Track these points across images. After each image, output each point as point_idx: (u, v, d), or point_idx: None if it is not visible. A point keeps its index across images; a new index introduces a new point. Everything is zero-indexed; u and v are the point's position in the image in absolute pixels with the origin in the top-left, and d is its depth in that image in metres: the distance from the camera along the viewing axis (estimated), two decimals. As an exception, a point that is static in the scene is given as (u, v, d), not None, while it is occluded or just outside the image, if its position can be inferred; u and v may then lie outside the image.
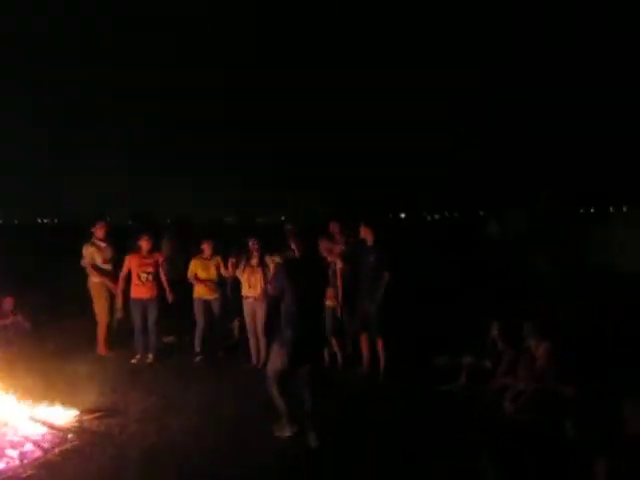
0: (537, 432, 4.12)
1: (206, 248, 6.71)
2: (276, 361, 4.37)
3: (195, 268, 6.68)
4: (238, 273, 6.36)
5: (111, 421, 4.78)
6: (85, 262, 6.79)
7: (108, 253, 6.87)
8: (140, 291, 6.55)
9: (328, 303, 6.03)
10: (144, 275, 6.53)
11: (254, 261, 6.31)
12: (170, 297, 6.63)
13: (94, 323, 6.91)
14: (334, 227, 6.47)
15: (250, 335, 6.40)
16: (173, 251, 7.68)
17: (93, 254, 6.79)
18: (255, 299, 6.25)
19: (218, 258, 6.70)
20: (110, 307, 6.84)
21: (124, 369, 6.30)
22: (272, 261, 6.17)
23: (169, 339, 7.28)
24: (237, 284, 6.55)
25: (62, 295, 8.80)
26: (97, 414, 4.87)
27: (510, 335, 5.56)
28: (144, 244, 6.61)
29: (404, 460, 4.11)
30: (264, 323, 6.24)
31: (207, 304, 6.71)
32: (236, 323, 7.24)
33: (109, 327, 6.89)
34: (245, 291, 6.32)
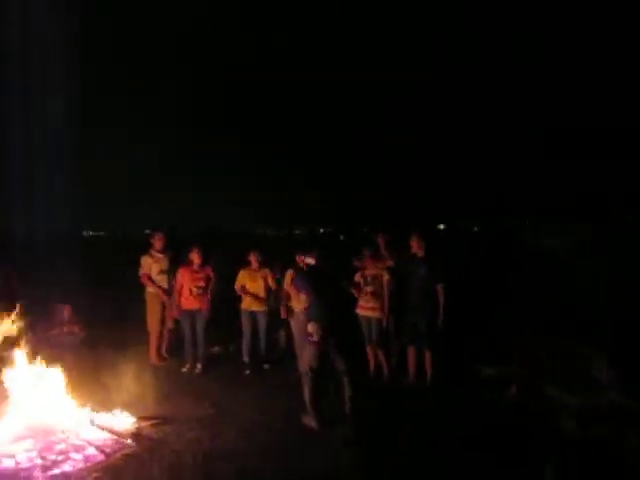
0: (601, 448, 4.02)
1: (253, 260, 6.83)
2: (307, 356, 4.94)
3: (243, 279, 6.81)
4: (286, 286, 6.44)
5: (167, 428, 4.94)
6: (142, 272, 7.03)
7: (164, 265, 7.08)
8: (190, 303, 6.74)
9: (375, 314, 6.08)
10: (195, 289, 6.72)
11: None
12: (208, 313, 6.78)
13: (147, 333, 7.15)
14: (381, 239, 6.50)
15: (298, 345, 6.44)
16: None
17: (150, 265, 7.03)
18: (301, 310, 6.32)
19: (266, 270, 6.81)
20: (162, 318, 7.06)
21: (176, 378, 6.50)
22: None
23: (215, 349, 7.46)
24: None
25: (121, 305, 9.05)
26: (153, 421, 5.05)
27: (554, 346, 5.48)
28: (195, 258, 6.79)
29: (460, 474, 4.08)
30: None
31: (254, 315, 6.82)
32: (282, 333, 7.32)
33: (160, 337, 7.11)
34: (293, 303, 6.39)
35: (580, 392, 4.92)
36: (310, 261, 5.27)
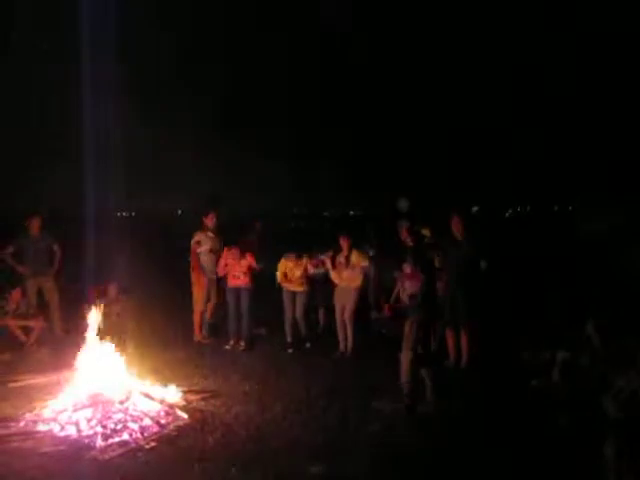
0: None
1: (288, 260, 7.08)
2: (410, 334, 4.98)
3: (283, 268, 7.09)
4: (329, 266, 6.74)
5: (215, 401, 5.26)
6: (192, 247, 7.38)
7: (215, 244, 7.40)
8: (235, 281, 7.09)
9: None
10: (238, 273, 7.07)
11: (344, 256, 6.68)
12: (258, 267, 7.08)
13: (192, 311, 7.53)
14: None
15: (339, 323, 6.78)
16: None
17: (200, 241, 7.37)
18: (345, 287, 6.63)
19: (305, 260, 7.04)
20: (207, 295, 7.42)
21: (221, 355, 6.84)
22: (357, 255, 6.61)
23: (262, 331, 7.74)
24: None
25: (169, 283, 9.43)
26: (202, 395, 5.37)
27: (607, 332, 5.49)
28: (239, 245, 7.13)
29: (512, 459, 4.18)
30: (353, 311, 6.63)
31: (294, 295, 7.10)
32: (322, 311, 7.54)
33: (202, 315, 7.47)
34: (336, 279, 6.70)
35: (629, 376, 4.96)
36: (427, 233, 5.29)
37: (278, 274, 7.11)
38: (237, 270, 7.05)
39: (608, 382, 4.97)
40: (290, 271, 7.02)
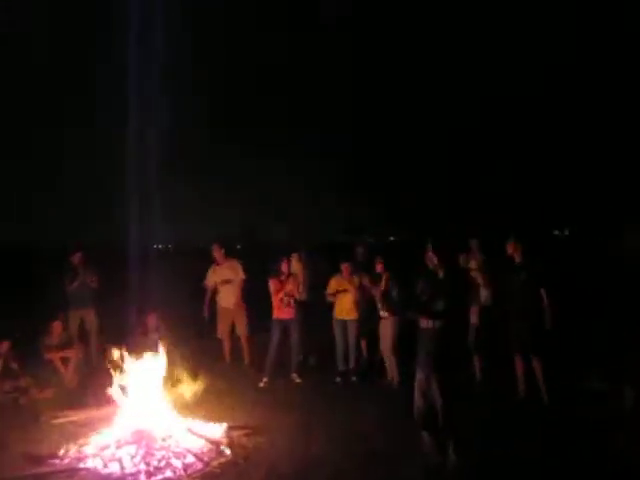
0: None
1: (345, 269, 7.20)
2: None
3: (334, 287, 7.20)
4: (375, 293, 6.78)
5: (259, 437, 5.29)
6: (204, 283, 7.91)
7: (225, 274, 7.78)
8: (281, 312, 7.18)
9: (472, 320, 6.26)
10: (286, 299, 7.15)
11: (384, 282, 6.70)
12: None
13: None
14: (473, 244, 6.76)
15: (385, 353, 6.86)
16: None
17: (210, 276, 7.86)
18: (386, 318, 6.71)
19: (356, 278, 7.12)
20: (231, 326, 7.80)
21: (262, 387, 6.89)
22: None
23: (312, 361, 7.80)
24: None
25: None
26: (245, 430, 5.42)
27: None
28: (284, 267, 7.24)
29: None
30: (393, 342, 6.68)
31: (345, 324, 7.18)
32: (363, 342, 7.53)
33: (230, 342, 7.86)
34: (382, 311, 6.74)
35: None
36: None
37: (329, 290, 7.17)
38: (283, 295, 7.14)
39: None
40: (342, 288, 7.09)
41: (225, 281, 7.77)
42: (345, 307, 7.15)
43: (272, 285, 7.22)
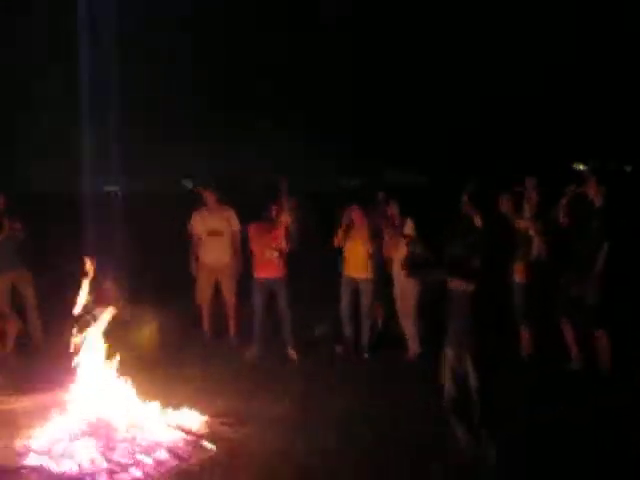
0: None
1: (355, 215, 6.79)
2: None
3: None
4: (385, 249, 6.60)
5: (246, 428, 5.05)
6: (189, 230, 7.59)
7: (215, 223, 7.44)
8: (263, 269, 6.78)
9: (518, 279, 6.04)
10: (270, 252, 6.71)
11: (399, 231, 6.50)
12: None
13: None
14: (529, 182, 6.39)
15: (403, 319, 6.68)
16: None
17: (197, 223, 7.50)
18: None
19: (367, 228, 6.73)
20: (212, 290, 7.52)
21: (250, 367, 6.64)
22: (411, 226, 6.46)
23: (321, 331, 7.61)
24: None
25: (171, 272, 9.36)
26: (228, 419, 5.17)
27: None
28: (275, 212, 6.82)
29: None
30: (416, 305, 6.49)
31: (355, 284, 6.84)
32: (378, 308, 7.32)
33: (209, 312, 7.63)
34: (396, 268, 6.46)
35: None
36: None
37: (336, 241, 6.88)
38: (267, 247, 6.73)
39: None
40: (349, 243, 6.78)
41: (214, 232, 7.36)
42: (357, 262, 6.76)
43: (252, 232, 6.84)
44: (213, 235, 7.39)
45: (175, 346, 7.20)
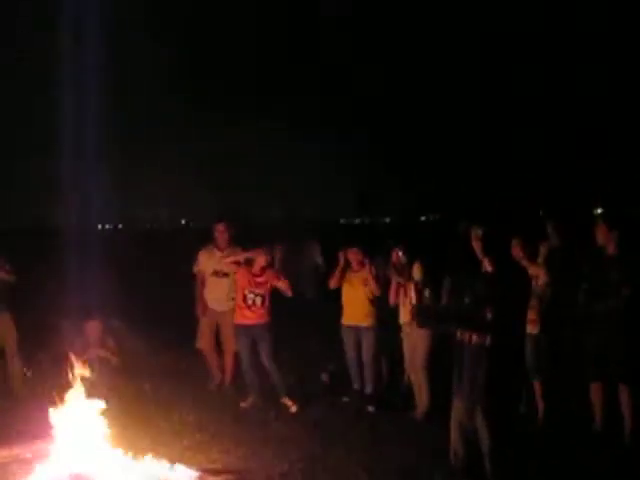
0: None
1: (353, 257, 6.78)
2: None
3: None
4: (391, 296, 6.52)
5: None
6: (195, 270, 7.61)
7: (222, 264, 7.37)
8: (244, 315, 6.86)
9: (529, 330, 5.98)
10: (252, 297, 6.80)
11: (405, 276, 6.39)
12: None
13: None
14: (550, 227, 6.31)
15: (412, 374, 6.60)
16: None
17: (205, 262, 7.53)
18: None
19: (367, 270, 6.73)
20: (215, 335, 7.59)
21: (248, 419, 6.62)
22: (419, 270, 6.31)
23: (325, 377, 7.66)
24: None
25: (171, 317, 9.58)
26: (225, 476, 5.15)
27: None
28: (260, 259, 6.88)
29: None
30: (427, 358, 6.36)
31: (358, 333, 6.82)
32: (383, 360, 7.31)
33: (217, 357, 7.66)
34: (403, 317, 6.39)
35: None
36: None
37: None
38: (249, 291, 6.82)
39: None
40: (347, 288, 6.82)
41: (220, 273, 7.38)
42: (357, 309, 6.74)
43: (239, 277, 6.93)
44: (220, 276, 7.41)
45: (168, 394, 7.23)
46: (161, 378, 7.73)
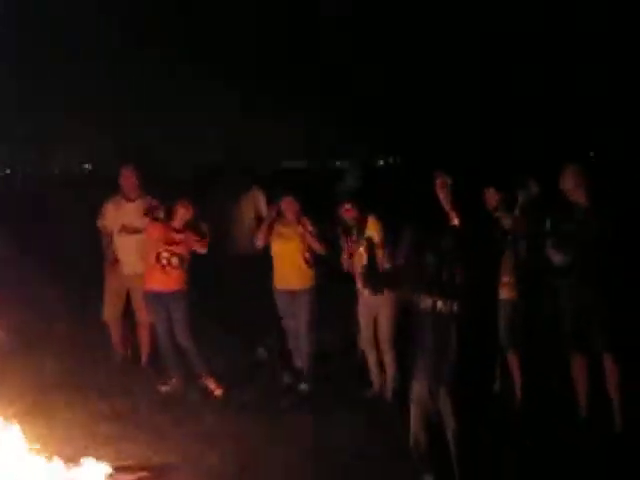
0: None
1: (287, 208, 6.58)
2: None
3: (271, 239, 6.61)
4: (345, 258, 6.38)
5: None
6: (100, 224, 7.38)
7: (132, 218, 7.13)
8: (156, 280, 6.57)
9: (503, 295, 5.91)
10: (167, 257, 6.48)
11: (356, 231, 6.24)
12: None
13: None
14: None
15: (367, 348, 6.46)
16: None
17: (112, 216, 7.26)
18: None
19: (305, 220, 6.56)
20: (124, 302, 7.37)
21: (167, 403, 6.47)
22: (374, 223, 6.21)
23: (261, 354, 7.56)
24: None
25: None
26: (142, 473, 5.00)
27: None
28: (182, 210, 6.55)
29: None
30: (391, 329, 6.25)
31: (293, 296, 6.64)
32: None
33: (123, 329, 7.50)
34: (358, 282, 6.18)
35: None
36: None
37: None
38: (165, 251, 6.52)
39: None
40: (281, 243, 6.66)
41: (130, 228, 7.04)
42: (291, 270, 6.57)
43: (150, 233, 6.62)
44: (131, 233, 7.10)
45: (76, 378, 6.99)
46: (62, 356, 7.50)
